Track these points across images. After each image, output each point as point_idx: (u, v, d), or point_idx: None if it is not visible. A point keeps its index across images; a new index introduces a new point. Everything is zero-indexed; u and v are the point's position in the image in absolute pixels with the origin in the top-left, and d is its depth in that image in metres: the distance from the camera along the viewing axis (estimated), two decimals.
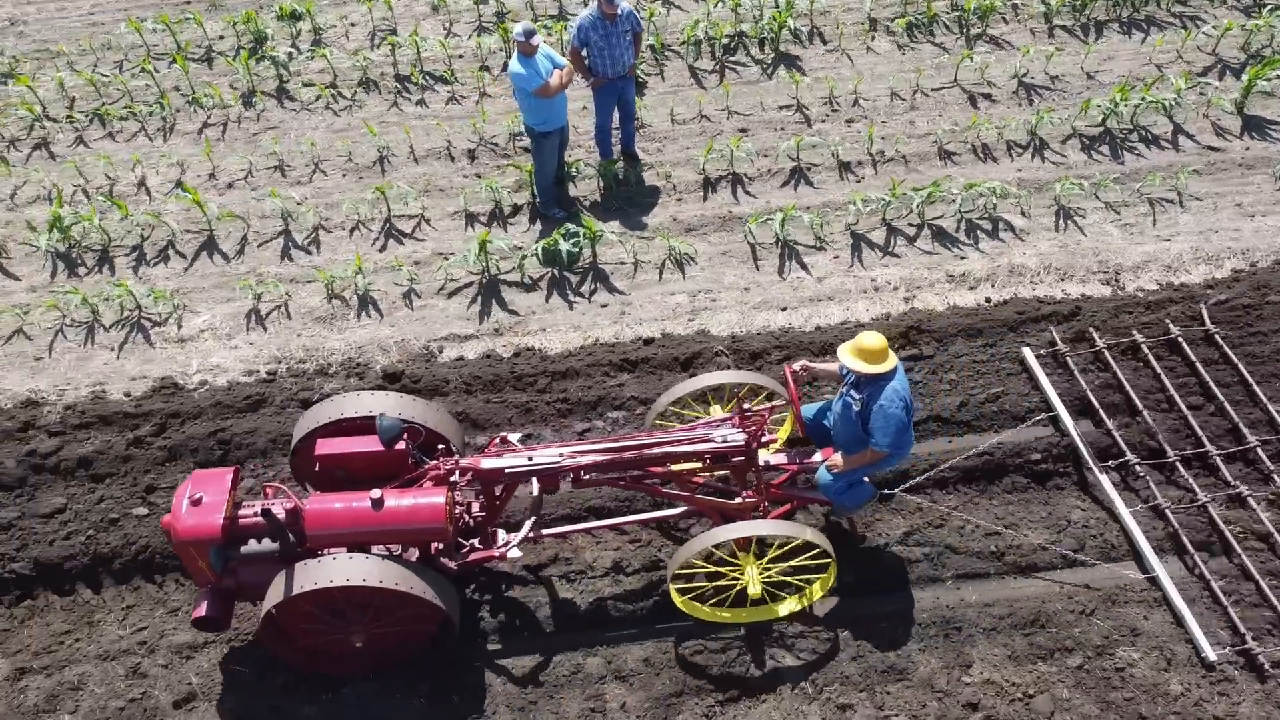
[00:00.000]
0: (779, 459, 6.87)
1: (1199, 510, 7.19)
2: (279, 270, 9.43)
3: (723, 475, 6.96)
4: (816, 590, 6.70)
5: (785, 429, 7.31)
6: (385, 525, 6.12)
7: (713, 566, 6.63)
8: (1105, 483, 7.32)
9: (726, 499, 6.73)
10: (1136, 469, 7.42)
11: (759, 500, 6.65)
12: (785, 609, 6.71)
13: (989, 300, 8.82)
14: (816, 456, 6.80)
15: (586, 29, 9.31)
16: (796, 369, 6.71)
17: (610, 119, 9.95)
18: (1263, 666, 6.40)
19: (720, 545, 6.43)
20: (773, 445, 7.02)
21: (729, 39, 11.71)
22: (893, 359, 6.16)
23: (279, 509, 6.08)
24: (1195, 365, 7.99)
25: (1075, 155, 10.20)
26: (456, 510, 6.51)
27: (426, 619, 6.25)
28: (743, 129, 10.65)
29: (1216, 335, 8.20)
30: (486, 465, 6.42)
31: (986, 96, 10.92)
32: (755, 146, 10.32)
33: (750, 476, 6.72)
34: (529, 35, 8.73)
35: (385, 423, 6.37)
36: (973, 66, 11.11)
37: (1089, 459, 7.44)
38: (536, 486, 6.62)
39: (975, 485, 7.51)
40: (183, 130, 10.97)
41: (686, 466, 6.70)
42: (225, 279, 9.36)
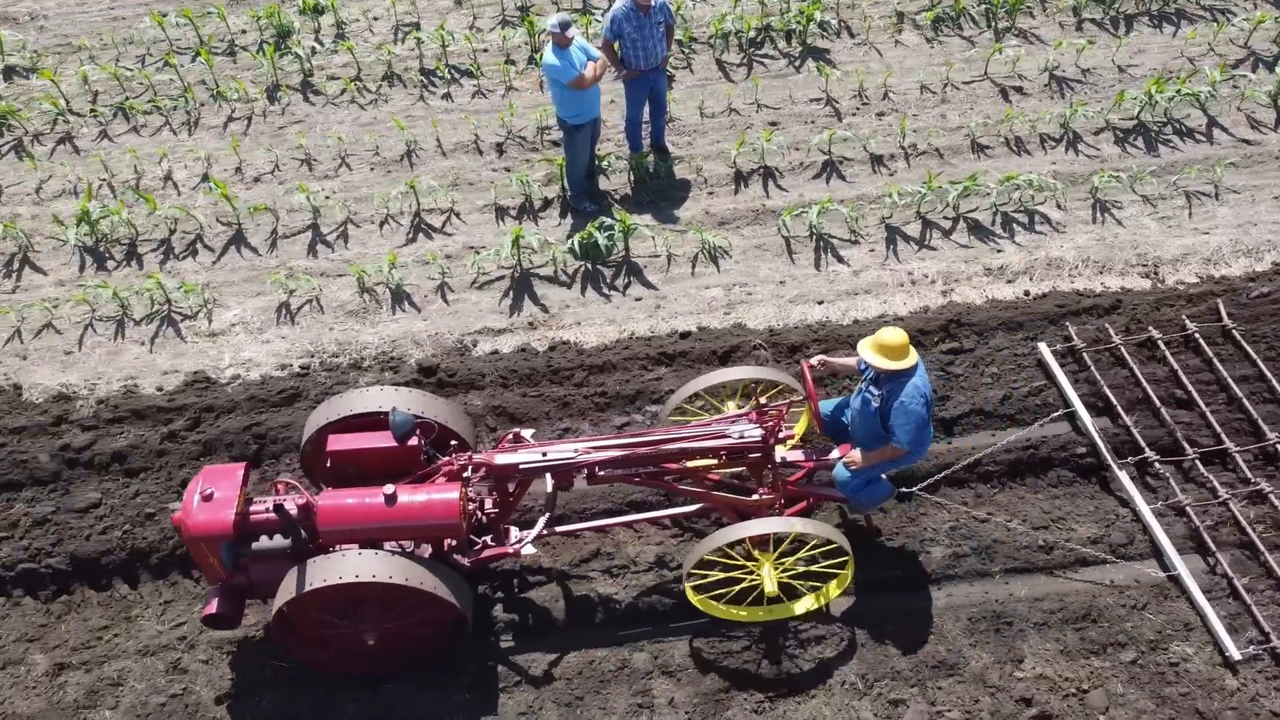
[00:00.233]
0: (796, 455, 6.76)
1: (1220, 506, 7.09)
2: (309, 264, 9.35)
3: (738, 472, 6.81)
4: (834, 589, 6.59)
5: (802, 425, 7.13)
6: (398, 521, 6.00)
7: (728, 563, 6.45)
8: (1125, 479, 7.22)
9: (743, 495, 6.60)
10: (1156, 466, 7.30)
11: (775, 497, 6.49)
12: (802, 607, 6.57)
13: (1028, 293, 8.72)
14: (834, 453, 6.69)
15: (620, 20, 9.22)
16: (814, 364, 6.59)
17: (641, 112, 9.86)
18: None
19: (735, 543, 6.28)
20: (789, 441, 6.85)
21: (756, 32, 11.63)
22: (914, 355, 6.03)
23: (291, 505, 5.98)
24: (1213, 361, 7.88)
25: (1109, 148, 10.11)
26: (470, 506, 6.41)
27: (440, 616, 6.12)
28: (773, 122, 10.56)
29: (1234, 331, 8.09)
30: (500, 461, 6.29)
31: (1018, 89, 10.83)
32: (786, 140, 10.23)
33: (766, 473, 6.58)
34: (564, 27, 8.65)
35: (398, 418, 6.27)
36: (1003, 60, 11.03)
37: (1107, 456, 7.33)
38: (550, 483, 6.49)
39: (1021, 479, 7.42)
40: (207, 124, 10.89)
41: (702, 463, 6.57)
42: (255, 273, 9.28)
